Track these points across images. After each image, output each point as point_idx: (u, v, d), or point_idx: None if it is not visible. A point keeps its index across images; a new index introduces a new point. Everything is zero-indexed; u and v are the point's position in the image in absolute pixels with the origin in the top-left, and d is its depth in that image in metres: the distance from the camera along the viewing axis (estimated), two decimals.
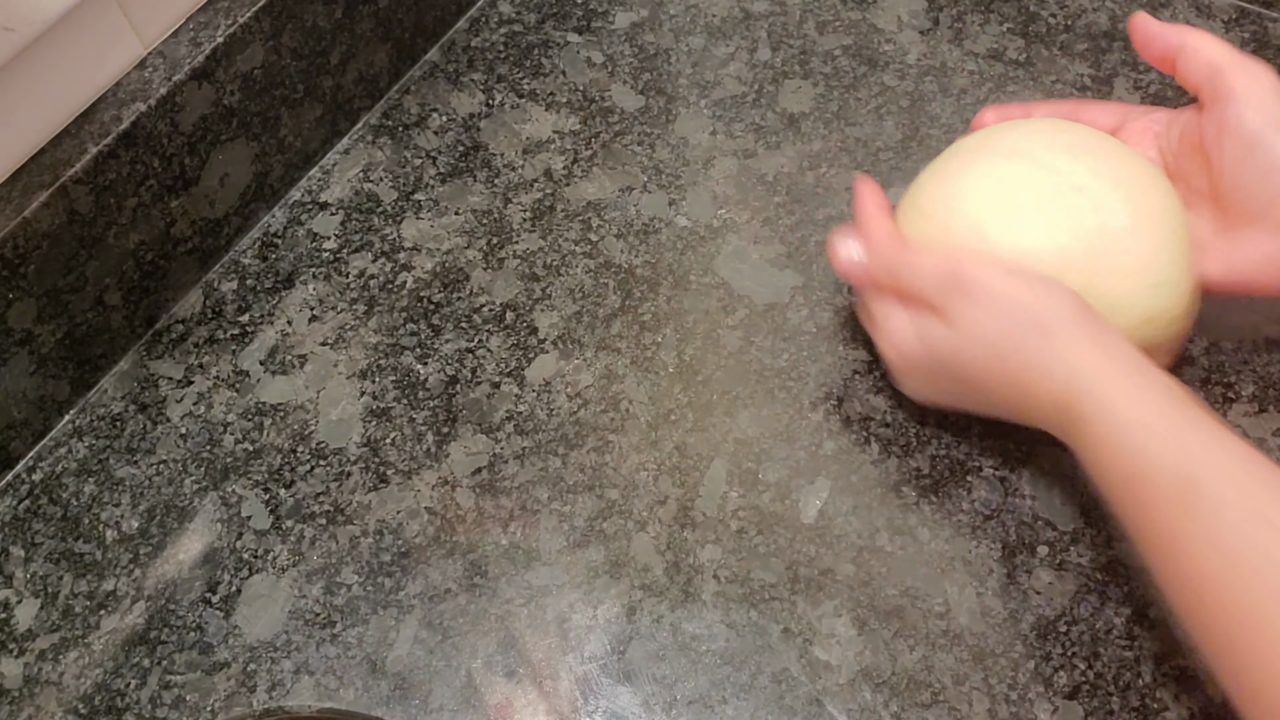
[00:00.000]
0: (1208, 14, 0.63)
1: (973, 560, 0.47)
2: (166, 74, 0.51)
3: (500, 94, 0.64)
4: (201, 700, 0.45)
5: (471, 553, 0.48)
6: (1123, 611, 0.45)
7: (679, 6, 0.67)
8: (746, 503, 0.49)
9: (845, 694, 0.44)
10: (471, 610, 0.47)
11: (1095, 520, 0.48)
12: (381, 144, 0.62)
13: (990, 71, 0.62)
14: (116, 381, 0.54)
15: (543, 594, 0.47)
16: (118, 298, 0.53)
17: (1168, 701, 0.43)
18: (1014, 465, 0.49)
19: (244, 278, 0.58)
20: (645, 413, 0.52)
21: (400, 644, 0.46)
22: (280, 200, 0.60)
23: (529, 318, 0.55)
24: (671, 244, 0.57)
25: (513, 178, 0.60)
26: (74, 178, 0.48)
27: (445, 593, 0.47)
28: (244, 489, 0.51)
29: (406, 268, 0.57)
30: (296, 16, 0.55)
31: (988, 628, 0.45)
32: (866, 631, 0.45)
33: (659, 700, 0.44)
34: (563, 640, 0.46)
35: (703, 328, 0.54)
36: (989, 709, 0.43)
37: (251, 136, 0.56)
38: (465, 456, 0.51)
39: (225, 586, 0.48)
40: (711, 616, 0.46)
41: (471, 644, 0.46)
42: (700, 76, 0.63)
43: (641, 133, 0.61)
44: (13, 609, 0.48)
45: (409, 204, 0.60)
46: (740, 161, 0.60)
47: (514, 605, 0.47)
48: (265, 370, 0.54)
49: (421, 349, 0.54)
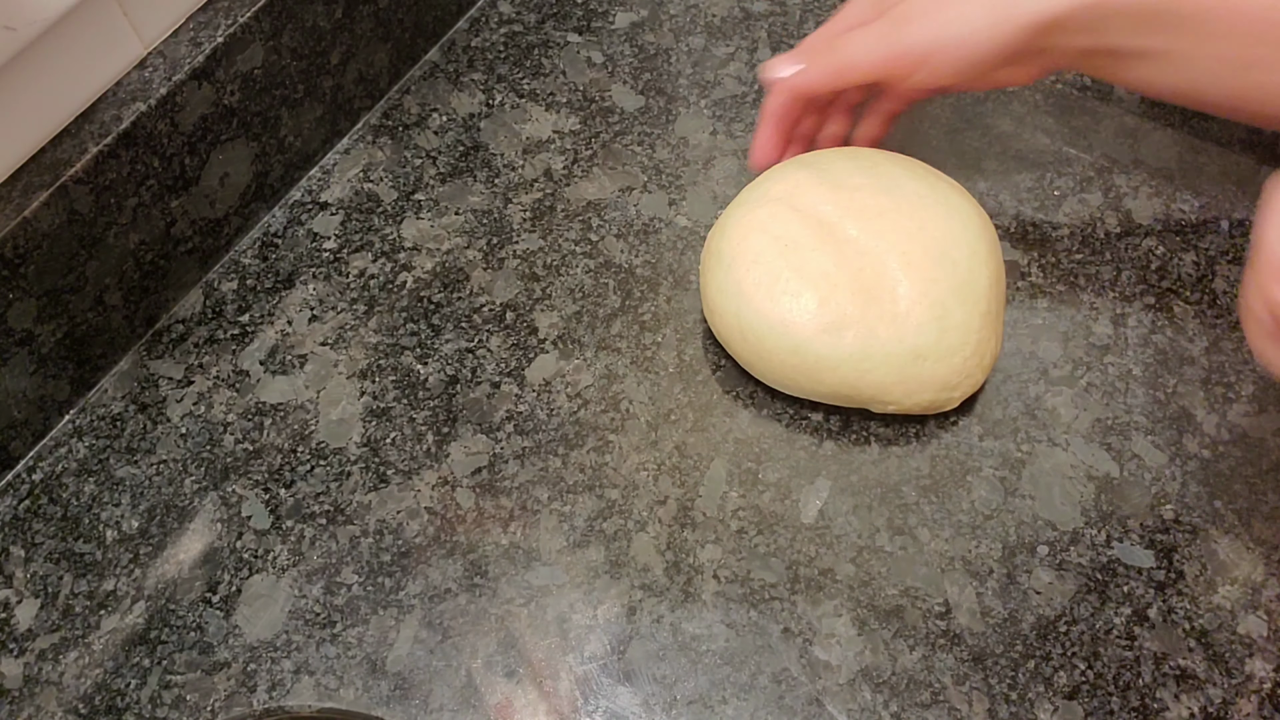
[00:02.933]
0: None
1: (973, 560, 0.47)
2: (166, 74, 0.51)
3: (500, 94, 0.64)
4: (201, 700, 0.45)
5: (471, 553, 0.48)
6: (1123, 611, 0.45)
7: (679, 6, 0.67)
8: (746, 503, 0.49)
9: (845, 694, 0.44)
10: (471, 610, 0.47)
11: (1095, 520, 0.48)
12: (381, 144, 0.62)
13: None
14: (116, 381, 0.54)
15: (543, 594, 0.47)
16: (118, 298, 0.53)
17: (1168, 701, 0.43)
18: (1014, 465, 0.49)
19: (244, 278, 0.58)
20: (645, 413, 0.52)
21: (400, 644, 0.46)
22: (280, 200, 0.60)
23: (529, 318, 0.55)
24: (671, 244, 0.57)
25: (513, 178, 0.60)
26: (74, 177, 0.48)
27: (445, 593, 0.47)
28: (244, 489, 0.51)
29: (406, 268, 0.57)
30: (296, 16, 0.55)
31: (988, 628, 0.45)
32: (866, 631, 0.45)
33: (659, 700, 0.44)
34: (563, 640, 0.46)
35: (703, 328, 0.54)
36: (989, 709, 0.43)
37: (251, 136, 0.56)
38: (465, 456, 0.51)
39: (225, 586, 0.48)
40: (711, 616, 0.46)
41: (471, 644, 0.46)
42: (700, 76, 0.63)
43: (641, 133, 0.61)
44: (13, 609, 0.48)
45: (409, 204, 0.60)
46: (740, 161, 0.60)
47: (514, 605, 0.47)
48: (265, 370, 0.54)
49: (421, 349, 0.54)
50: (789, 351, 0.47)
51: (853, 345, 0.47)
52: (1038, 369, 0.52)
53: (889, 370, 0.47)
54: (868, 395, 0.48)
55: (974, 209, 0.50)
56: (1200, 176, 0.57)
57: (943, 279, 0.47)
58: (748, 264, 0.48)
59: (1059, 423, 0.50)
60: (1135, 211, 0.56)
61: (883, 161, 0.51)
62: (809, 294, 0.47)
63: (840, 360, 0.47)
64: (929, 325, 0.46)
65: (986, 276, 0.48)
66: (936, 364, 0.47)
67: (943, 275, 0.47)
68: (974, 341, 0.47)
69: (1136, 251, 0.55)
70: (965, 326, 0.47)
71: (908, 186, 0.49)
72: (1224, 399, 0.50)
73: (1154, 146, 0.58)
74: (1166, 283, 0.54)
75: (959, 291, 0.47)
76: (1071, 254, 0.55)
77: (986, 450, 0.50)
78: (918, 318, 0.46)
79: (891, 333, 0.46)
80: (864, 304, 0.47)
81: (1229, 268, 0.54)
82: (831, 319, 0.47)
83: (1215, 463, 0.49)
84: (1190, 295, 0.53)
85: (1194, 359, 0.51)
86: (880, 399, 0.48)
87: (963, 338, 0.47)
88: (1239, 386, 0.51)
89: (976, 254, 0.48)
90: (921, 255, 0.47)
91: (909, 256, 0.47)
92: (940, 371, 0.47)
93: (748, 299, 0.48)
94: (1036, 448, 0.50)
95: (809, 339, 0.47)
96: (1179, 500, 0.48)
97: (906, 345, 0.46)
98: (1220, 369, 0.51)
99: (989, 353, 0.48)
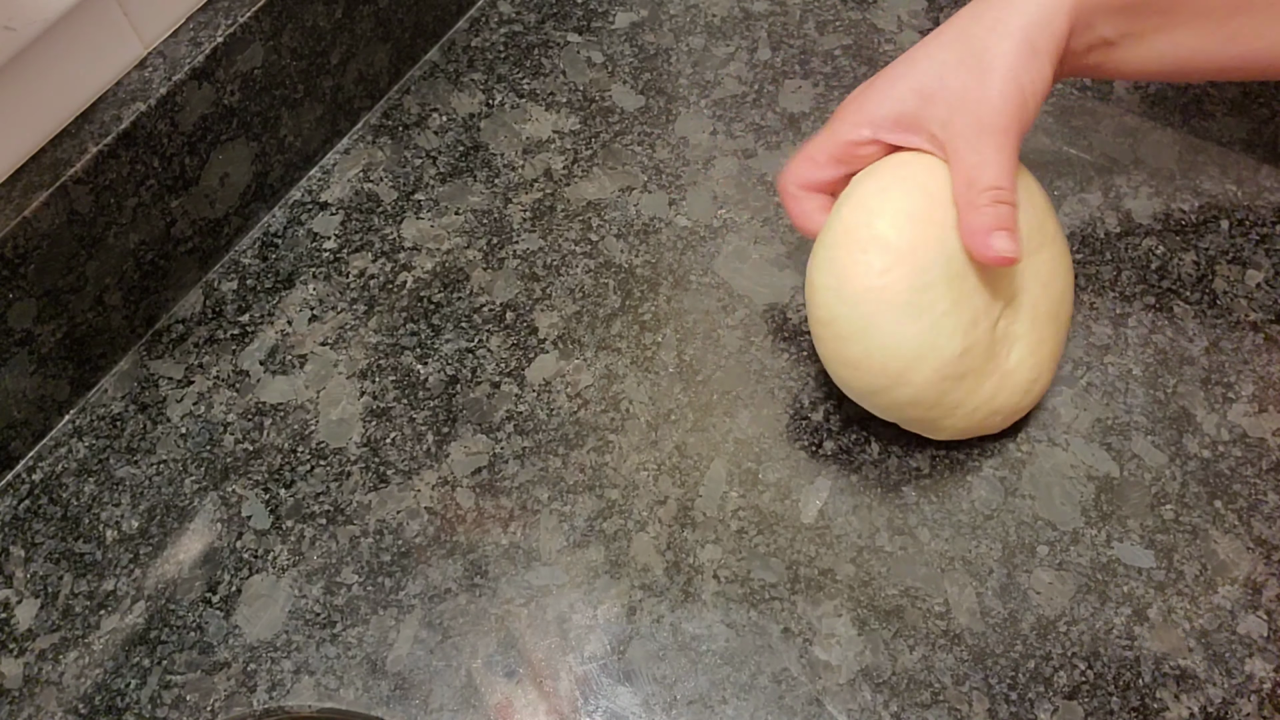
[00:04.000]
0: None
1: (973, 560, 0.47)
2: (166, 74, 0.51)
3: (500, 94, 0.64)
4: (201, 700, 0.45)
5: (471, 553, 0.48)
6: (1123, 611, 0.45)
7: (679, 6, 0.67)
8: (746, 503, 0.49)
9: (845, 694, 0.44)
10: (471, 610, 0.47)
11: (1095, 520, 0.48)
12: (381, 144, 0.62)
13: None
14: (116, 381, 0.54)
15: (543, 594, 0.47)
16: (118, 298, 0.53)
17: (1168, 701, 0.43)
18: (1014, 465, 0.49)
19: (244, 278, 0.58)
20: (645, 413, 0.52)
21: (400, 644, 0.46)
22: (280, 200, 0.60)
23: (529, 318, 0.55)
24: (671, 244, 0.57)
25: (513, 178, 0.60)
26: (74, 177, 0.48)
27: (445, 593, 0.47)
28: (244, 489, 0.51)
29: (406, 268, 0.57)
30: (296, 16, 0.55)
31: (988, 628, 0.45)
32: (866, 631, 0.45)
33: (659, 700, 0.44)
34: (563, 640, 0.46)
35: (703, 328, 0.54)
36: (989, 709, 0.43)
37: (252, 136, 0.56)
38: (465, 456, 0.51)
39: (225, 586, 0.48)
40: (711, 616, 0.46)
41: (471, 644, 0.46)
42: (700, 76, 0.63)
43: (641, 133, 0.61)
44: (13, 609, 0.48)
45: (409, 204, 0.60)
46: (740, 161, 0.60)
47: (514, 605, 0.47)
48: (265, 370, 0.54)
49: (421, 349, 0.54)
50: (899, 378, 0.44)
51: (957, 394, 0.45)
52: None
53: (965, 415, 0.46)
54: (931, 428, 0.48)
55: (1065, 246, 0.49)
56: (1200, 176, 0.57)
57: (1049, 339, 0.47)
58: (913, 269, 0.43)
59: (1059, 423, 0.50)
60: (1135, 211, 0.56)
61: (1025, 177, 0.47)
62: (956, 338, 0.43)
63: (935, 402, 0.45)
64: (1021, 388, 0.47)
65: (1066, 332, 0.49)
66: (1009, 416, 0.48)
67: (1049, 336, 0.47)
68: (1038, 391, 0.48)
69: (1136, 251, 0.55)
70: (1043, 385, 0.48)
71: (1049, 225, 0.47)
72: (1224, 399, 0.50)
73: (1154, 146, 0.58)
74: (1166, 283, 0.54)
75: (1055, 354, 0.48)
76: (1072, 254, 0.55)
77: (986, 450, 0.50)
78: (1016, 381, 0.46)
79: (991, 387, 0.46)
80: (985, 359, 0.45)
81: (1229, 268, 0.54)
82: (961, 369, 0.44)
83: (1215, 463, 0.49)
84: (1190, 295, 0.53)
85: (1194, 359, 0.51)
86: (939, 432, 0.48)
87: (1039, 392, 0.48)
88: (1239, 386, 0.51)
89: (1070, 311, 0.49)
90: (1044, 314, 0.47)
91: (1035, 312, 0.46)
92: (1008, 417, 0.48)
93: (890, 305, 0.43)
94: (1036, 448, 0.50)
95: (929, 378, 0.44)
96: (1179, 500, 0.48)
97: (996, 402, 0.46)
98: (1220, 369, 0.51)
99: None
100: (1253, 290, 0.53)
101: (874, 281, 0.43)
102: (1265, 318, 0.52)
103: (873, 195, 0.44)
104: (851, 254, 0.43)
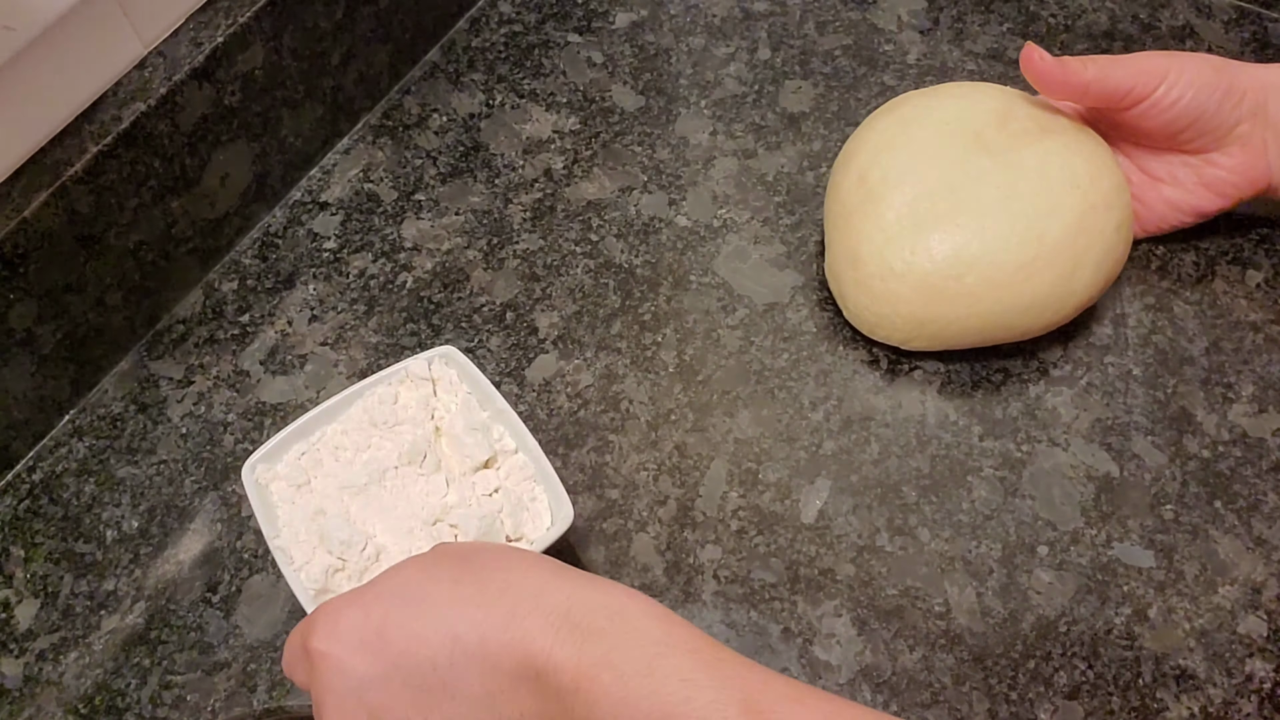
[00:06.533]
0: (1208, 14, 0.63)
1: (973, 560, 0.47)
2: (167, 74, 0.51)
3: (500, 94, 0.64)
4: (202, 700, 0.45)
5: None
6: (1123, 611, 0.45)
7: (679, 6, 0.67)
8: (746, 503, 0.49)
9: (845, 694, 0.44)
10: None
11: (1095, 520, 0.48)
12: (382, 144, 0.62)
13: (990, 71, 0.62)
14: (117, 381, 0.54)
15: None
16: (118, 298, 0.53)
17: (1168, 701, 0.43)
18: (1014, 465, 0.49)
19: (244, 278, 0.58)
20: (645, 413, 0.52)
21: None
22: (280, 200, 0.60)
23: (529, 318, 0.55)
24: (671, 244, 0.57)
25: (513, 178, 0.60)
26: (74, 178, 0.48)
27: None
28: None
29: (406, 268, 0.57)
30: (297, 17, 0.55)
31: (988, 628, 0.45)
32: (866, 631, 0.45)
33: None
34: None
35: (703, 328, 0.54)
36: (989, 709, 0.43)
37: (252, 137, 0.56)
38: None
39: (225, 586, 0.48)
40: (711, 616, 0.46)
41: None
42: (700, 76, 0.63)
43: (641, 133, 0.61)
44: (13, 609, 0.48)
45: (409, 204, 0.60)
46: (740, 161, 0.60)
47: None
48: (265, 370, 0.54)
49: (421, 349, 0.54)
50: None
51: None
52: (1038, 369, 0.52)
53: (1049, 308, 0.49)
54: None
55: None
56: None
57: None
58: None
59: (1059, 423, 0.50)
60: None
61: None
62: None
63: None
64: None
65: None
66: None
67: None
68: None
69: (1136, 251, 0.55)
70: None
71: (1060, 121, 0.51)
72: (1224, 399, 0.50)
73: None
74: (1166, 283, 0.54)
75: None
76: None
77: (986, 450, 0.50)
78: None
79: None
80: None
81: (1229, 268, 0.54)
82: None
83: (1215, 463, 0.49)
84: (1190, 295, 0.53)
85: (1194, 359, 0.51)
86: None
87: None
88: (1239, 386, 0.51)
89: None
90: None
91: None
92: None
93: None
94: (1036, 448, 0.50)
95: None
96: (1179, 500, 0.48)
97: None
98: (1220, 369, 0.51)
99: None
100: (1253, 290, 0.53)
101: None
102: (1265, 318, 0.52)
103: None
104: None
